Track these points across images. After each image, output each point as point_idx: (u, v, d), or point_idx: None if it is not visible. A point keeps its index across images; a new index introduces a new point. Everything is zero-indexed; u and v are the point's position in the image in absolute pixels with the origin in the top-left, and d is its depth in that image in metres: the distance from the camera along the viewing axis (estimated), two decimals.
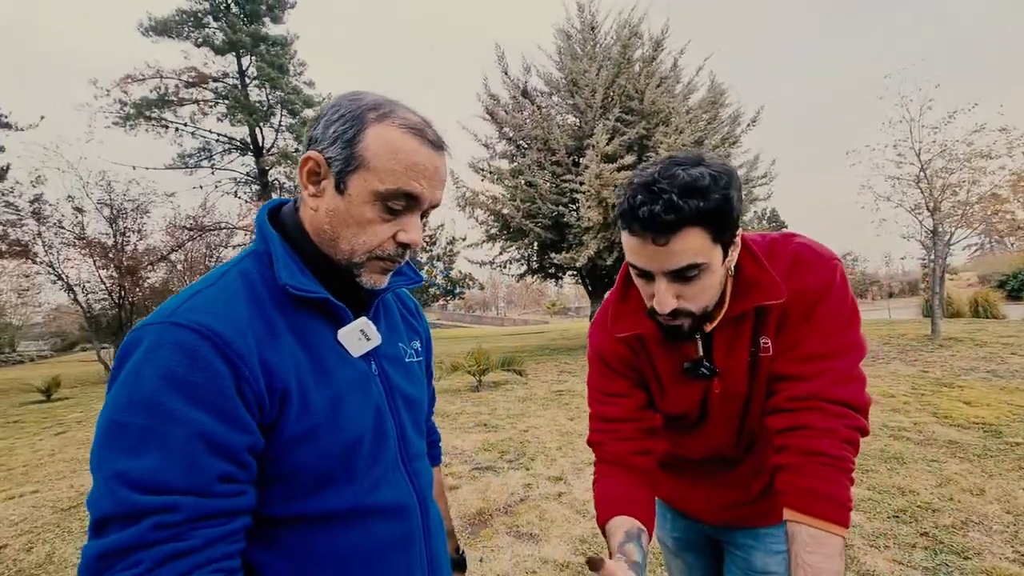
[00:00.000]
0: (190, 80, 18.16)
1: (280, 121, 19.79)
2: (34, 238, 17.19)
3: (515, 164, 14.23)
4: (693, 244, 0.74)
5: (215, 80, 18.60)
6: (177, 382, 0.54)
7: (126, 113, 17.51)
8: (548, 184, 12.40)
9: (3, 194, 16.28)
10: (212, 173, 19.75)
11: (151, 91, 17.67)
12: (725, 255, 0.80)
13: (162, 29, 18.05)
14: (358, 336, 0.71)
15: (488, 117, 14.45)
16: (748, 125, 13.77)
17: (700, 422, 0.99)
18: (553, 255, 12.14)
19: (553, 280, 15.93)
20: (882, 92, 10.44)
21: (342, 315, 0.70)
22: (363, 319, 0.72)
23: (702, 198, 0.72)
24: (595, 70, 12.69)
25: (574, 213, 11.61)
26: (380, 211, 0.66)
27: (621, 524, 0.88)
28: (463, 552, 0.98)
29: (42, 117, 16.10)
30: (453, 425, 5.95)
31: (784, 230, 1.00)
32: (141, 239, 18.16)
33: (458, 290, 33.25)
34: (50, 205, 17.32)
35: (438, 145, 0.68)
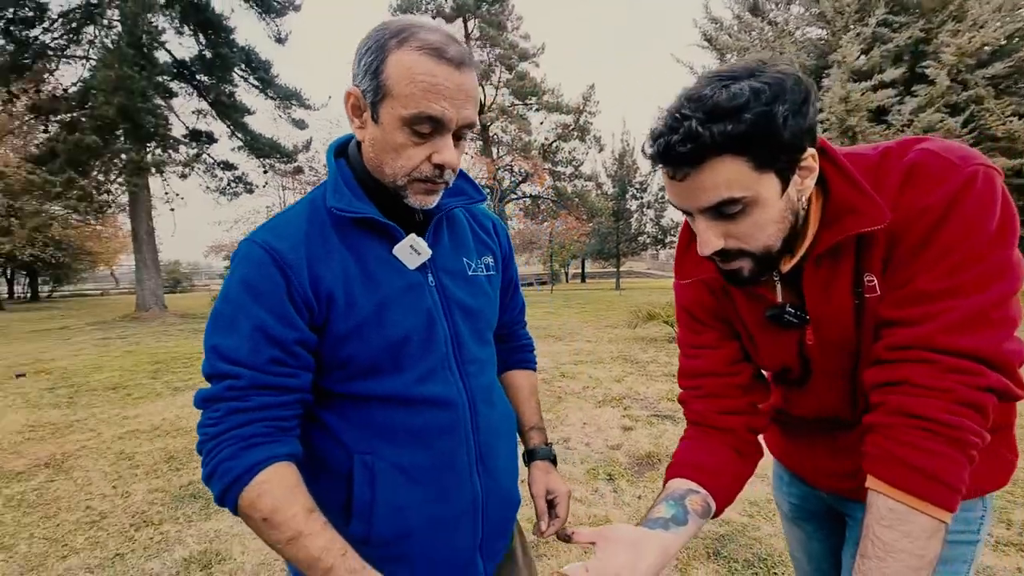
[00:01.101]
0: None
1: (499, 78, 21.13)
2: None
3: None
4: (726, 176, 0.63)
5: None
6: (250, 286, 0.71)
7: None
8: None
9: (308, 161, 21.60)
10: None
11: None
12: (785, 184, 0.65)
13: (406, 7, 20.73)
14: (409, 251, 0.78)
15: (707, 44, 12.93)
16: None
17: (805, 378, 0.85)
18: None
19: None
20: None
21: (393, 233, 0.78)
22: (411, 235, 0.79)
23: (731, 121, 0.59)
24: None
25: None
26: (410, 135, 0.70)
27: (669, 486, 0.84)
28: (551, 444, 1.03)
29: (330, 97, 20.45)
30: (642, 372, 5.94)
31: (909, 136, 0.75)
32: None
33: (668, 239, 31.71)
34: None
35: (459, 62, 0.68)
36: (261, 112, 19.97)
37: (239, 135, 18.20)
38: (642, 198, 31.10)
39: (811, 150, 0.66)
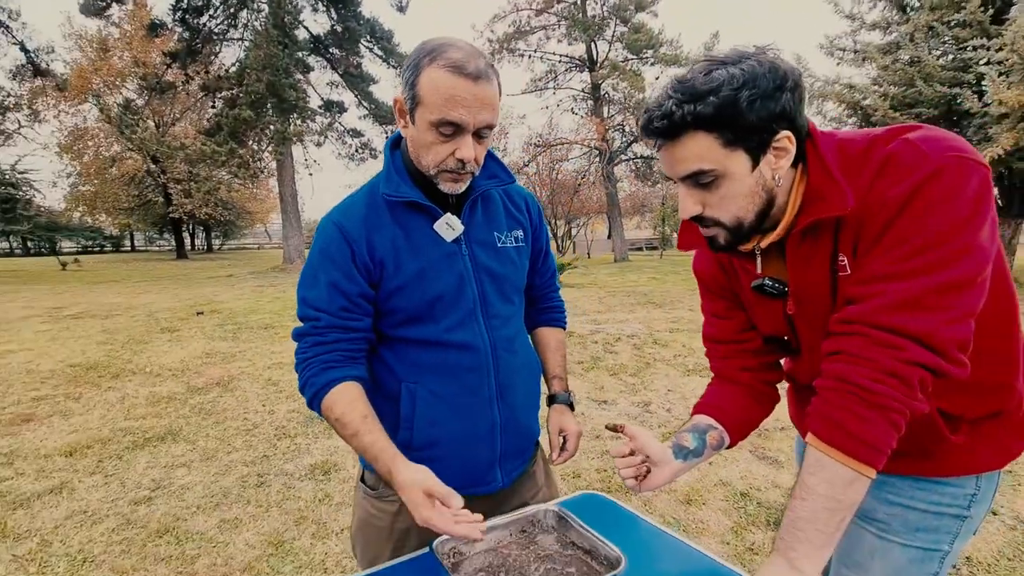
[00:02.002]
0: (538, 8, 20.26)
1: (613, 32, 20.15)
2: None
3: (892, 36, 10.80)
4: (696, 150, 0.72)
5: (558, 2, 20.14)
6: (326, 253, 0.94)
7: (492, 49, 21.07)
8: (940, 58, 9.03)
9: None
10: (554, 93, 22.14)
11: (509, 26, 20.62)
12: (755, 162, 0.72)
13: None
14: (445, 227, 0.96)
15: None
16: None
17: (799, 347, 0.92)
18: None
19: None
20: None
21: (433, 212, 0.96)
22: (447, 215, 0.96)
23: (701, 102, 0.68)
24: None
25: (977, 95, 8.25)
26: (436, 136, 0.86)
27: (695, 419, 0.98)
28: (571, 392, 1.20)
29: None
30: None
31: (904, 123, 0.76)
32: (504, 156, 22.48)
33: None
34: None
35: (476, 76, 0.82)
36: (384, 80, 21.26)
37: (365, 104, 19.64)
38: None
39: (785, 133, 0.72)
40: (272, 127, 16.14)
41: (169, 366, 5.13)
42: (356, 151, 21.01)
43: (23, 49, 18.00)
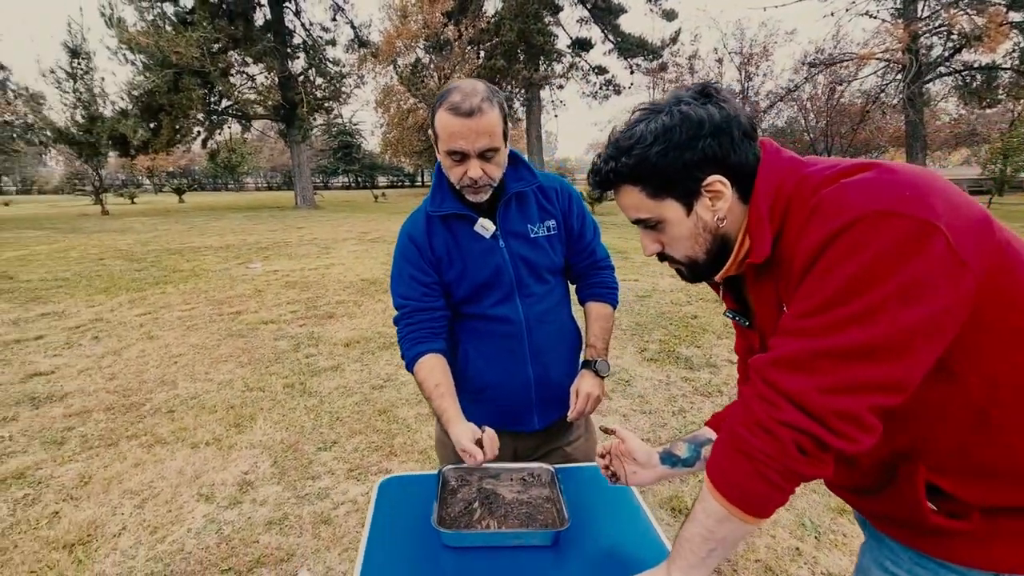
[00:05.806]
0: None
1: None
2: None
3: None
4: (630, 200, 0.76)
5: None
6: (403, 256, 1.23)
7: None
8: None
9: (673, 56, 21.10)
10: None
11: None
12: (688, 207, 0.73)
13: None
14: (482, 228, 1.19)
15: None
16: None
17: None
18: None
19: None
20: None
21: (471, 217, 1.19)
22: (481, 219, 1.19)
23: (617, 160, 0.73)
24: None
25: None
26: (451, 161, 1.09)
27: (698, 431, 1.01)
28: (599, 360, 1.31)
29: None
30: None
31: (861, 159, 0.60)
32: (763, 82, 19.39)
33: None
34: (700, 60, 21.07)
35: (469, 113, 1.02)
36: (634, 9, 20.27)
37: (611, 38, 19.27)
38: None
39: (715, 177, 0.71)
40: (521, 75, 17.36)
41: None
42: (600, 89, 21.03)
43: (352, 26, 23.10)
